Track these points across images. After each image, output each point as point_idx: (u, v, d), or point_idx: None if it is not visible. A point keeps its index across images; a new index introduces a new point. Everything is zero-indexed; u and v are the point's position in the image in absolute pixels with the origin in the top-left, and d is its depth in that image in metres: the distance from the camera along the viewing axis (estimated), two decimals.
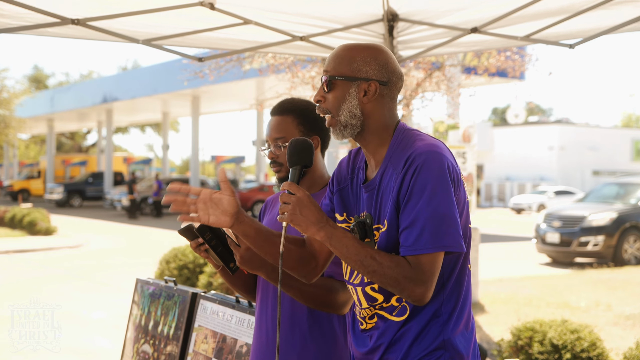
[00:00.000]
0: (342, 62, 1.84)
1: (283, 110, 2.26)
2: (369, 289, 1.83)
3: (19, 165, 49.55)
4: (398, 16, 3.72)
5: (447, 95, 10.25)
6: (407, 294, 1.69)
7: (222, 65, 10.08)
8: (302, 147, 1.89)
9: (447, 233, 1.68)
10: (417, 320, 1.76)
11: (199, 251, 2.13)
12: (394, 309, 1.79)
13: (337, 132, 1.86)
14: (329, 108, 1.85)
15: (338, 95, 1.84)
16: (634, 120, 61.74)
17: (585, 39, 3.60)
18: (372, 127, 1.85)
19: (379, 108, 1.85)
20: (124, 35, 3.61)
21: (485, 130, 39.45)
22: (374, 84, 1.83)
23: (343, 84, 1.84)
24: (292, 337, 2.14)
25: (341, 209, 1.93)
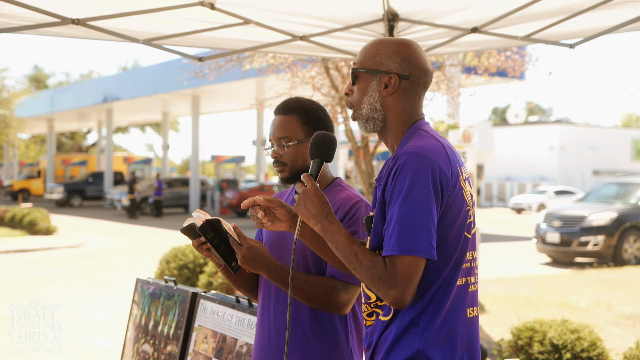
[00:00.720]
0: (367, 56, 1.88)
1: (287, 110, 2.25)
2: (363, 285, 1.86)
3: (19, 165, 49.55)
4: (398, 16, 3.72)
5: (447, 95, 10.24)
6: (382, 294, 1.69)
7: (222, 65, 10.07)
8: (326, 141, 1.90)
9: (416, 238, 1.65)
10: (396, 324, 1.76)
11: (201, 250, 2.13)
12: (384, 307, 1.80)
13: (360, 125, 1.89)
14: (353, 101, 1.89)
15: (361, 88, 1.87)
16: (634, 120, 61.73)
17: (585, 38, 3.60)
18: (392, 122, 1.86)
19: (400, 102, 1.85)
20: (124, 35, 3.61)
21: (485, 130, 39.44)
22: (394, 77, 1.83)
23: (366, 77, 1.87)
24: (294, 338, 2.14)
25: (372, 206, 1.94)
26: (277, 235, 2.24)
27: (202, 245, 2.12)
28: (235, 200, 25.80)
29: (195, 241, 2.12)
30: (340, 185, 2.25)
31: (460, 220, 1.75)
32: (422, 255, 1.65)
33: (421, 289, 1.73)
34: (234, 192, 26.45)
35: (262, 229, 2.35)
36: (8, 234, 17.40)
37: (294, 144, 2.21)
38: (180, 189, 29.10)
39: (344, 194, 2.19)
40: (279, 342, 2.15)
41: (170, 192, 28.63)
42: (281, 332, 2.16)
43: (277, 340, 2.16)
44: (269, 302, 2.22)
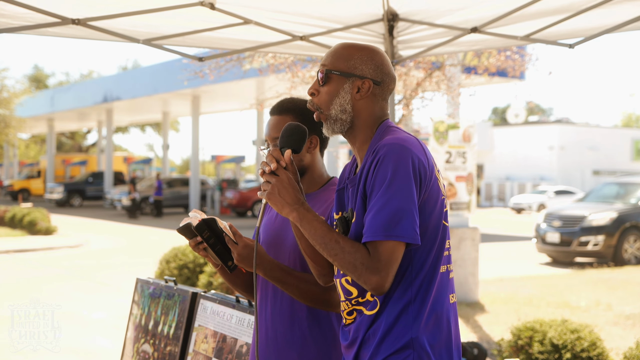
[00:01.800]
0: (340, 59, 1.90)
1: (282, 110, 2.26)
2: (344, 281, 1.86)
3: (19, 165, 49.55)
4: (398, 16, 3.72)
5: (447, 95, 10.25)
6: (363, 280, 1.71)
7: (222, 65, 10.07)
8: (294, 131, 1.92)
9: (400, 224, 1.69)
10: (385, 316, 1.78)
11: (198, 249, 2.15)
12: (368, 303, 1.81)
13: (328, 126, 1.91)
14: (319, 103, 1.91)
15: (331, 90, 1.89)
16: (634, 120, 61.73)
17: (585, 38, 3.60)
18: (361, 124, 1.90)
19: (370, 106, 1.91)
20: (124, 35, 3.61)
21: (486, 130, 39.45)
22: (367, 82, 1.89)
23: (338, 79, 1.89)
24: (292, 337, 2.14)
25: (337, 209, 1.97)
26: (274, 234, 2.25)
27: (198, 244, 2.13)
28: (235, 200, 25.80)
29: (192, 241, 2.13)
30: (335, 184, 2.25)
31: (438, 209, 1.81)
32: (407, 240, 1.70)
33: (408, 279, 1.77)
34: (234, 192, 26.45)
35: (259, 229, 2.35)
36: (8, 234, 17.40)
37: None
38: (180, 189, 29.10)
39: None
40: (276, 341, 2.16)
41: (170, 192, 28.63)
42: (278, 331, 2.16)
43: (274, 339, 2.16)
44: (265, 301, 2.23)
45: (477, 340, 6.44)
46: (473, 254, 8.76)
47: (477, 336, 6.83)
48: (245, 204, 25.78)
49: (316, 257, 1.96)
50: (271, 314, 2.19)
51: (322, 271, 1.99)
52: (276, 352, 2.15)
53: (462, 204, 8.99)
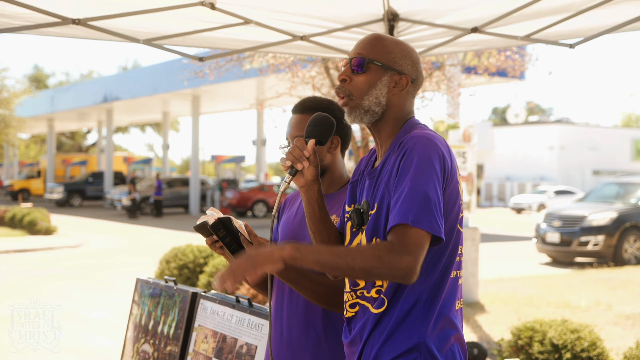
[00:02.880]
0: (379, 50, 1.86)
1: (305, 109, 2.24)
2: None
3: (19, 165, 49.54)
4: (398, 16, 3.72)
5: (447, 94, 10.25)
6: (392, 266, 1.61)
7: (222, 65, 10.07)
8: (321, 122, 1.89)
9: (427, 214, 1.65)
10: (392, 315, 1.75)
11: (214, 248, 2.15)
12: (374, 300, 1.79)
13: (355, 115, 1.86)
14: (353, 90, 1.85)
15: (370, 80, 1.85)
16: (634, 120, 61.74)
17: (585, 38, 3.60)
18: (390, 118, 1.88)
19: (402, 102, 1.89)
20: (124, 35, 3.61)
21: (486, 130, 39.46)
22: (405, 78, 1.87)
23: (377, 70, 1.85)
24: (306, 338, 2.13)
25: (349, 201, 1.95)
26: (293, 233, 2.23)
27: (214, 243, 2.14)
28: (235, 200, 25.81)
29: (208, 239, 2.14)
30: None
31: (455, 212, 1.79)
32: (434, 232, 1.65)
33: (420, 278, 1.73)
34: (234, 192, 26.45)
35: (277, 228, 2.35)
36: (8, 234, 17.40)
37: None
38: (180, 189, 29.10)
39: None
40: (290, 343, 2.15)
41: (171, 192, 28.63)
42: (293, 333, 2.15)
43: (289, 340, 2.15)
44: (282, 302, 2.21)
45: (477, 340, 6.44)
46: (473, 254, 8.76)
47: (477, 336, 6.83)
48: (245, 204, 25.78)
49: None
50: (287, 315, 2.18)
51: None
52: (290, 354, 2.14)
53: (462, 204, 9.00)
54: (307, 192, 1.88)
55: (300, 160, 1.83)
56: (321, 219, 1.91)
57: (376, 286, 1.79)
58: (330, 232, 1.94)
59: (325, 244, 1.92)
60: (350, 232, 1.90)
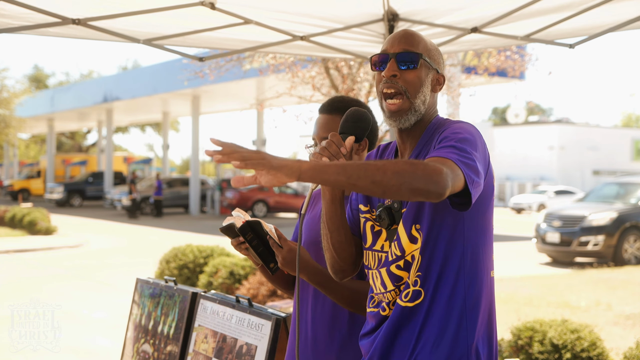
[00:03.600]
0: (423, 46, 1.77)
1: (332, 109, 2.20)
2: (394, 267, 1.76)
3: (19, 165, 49.54)
4: (398, 16, 3.72)
5: (447, 94, 10.25)
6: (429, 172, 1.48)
7: (222, 65, 10.08)
8: (361, 118, 1.81)
9: (468, 165, 1.56)
10: (434, 313, 1.69)
11: (240, 249, 2.12)
12: (412, 293, 1.72)
13: (404, 118, 1.75)
14: (408, 87, 1.74)
15: (420, 77, 1.75)
16: (634, 120, 61.75)
17: (585, 38, 3.60)
18: (425, 118, 1.80)
19: (436, 102, 1.85)
20: (124, 35, 3.61)
21: (486, 130, 39.45)
22: (443, 78, 1.81)
23: (425, 67, 1.77)
24: (331, 340, 2.12)
25: (365, 200, 1.89)
26: (317, 233, 2.19)
27: (240, 244, 2.11)
28: (235, 200, 25.80)
29: (234, 240, 2.11)
30: None
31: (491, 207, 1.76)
32: (469, 181, 1.56)
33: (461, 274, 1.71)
34: (234, 192, 26.44)
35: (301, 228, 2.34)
36: (8, 234, 17.40)
37: None
38: (180, 189, 29.11)
39: None
40: (315, 344, 2.14)
41: (171, 192, 28.64)
42: (318, 334, 2.14)
43: (314, 342, 2.14)
44: (306, 303, 2.20)
45: None
46: None
47: None
48: (245, 204, 25.77)
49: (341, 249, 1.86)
50: (312, 316, 2.17)
51: (343, 266, 1.90)
52: (314, 355, 2.14)
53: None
54: (333, 191, 1.78)
55: (337, 157, 1.70)
56: (342, 218, 1.84)
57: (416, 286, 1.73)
58: (347, 231, 1.87)
59: (342, 244, 1.85)
60: (372, 232, 1.84)
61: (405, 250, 1.73)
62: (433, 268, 1.70)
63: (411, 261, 1.73)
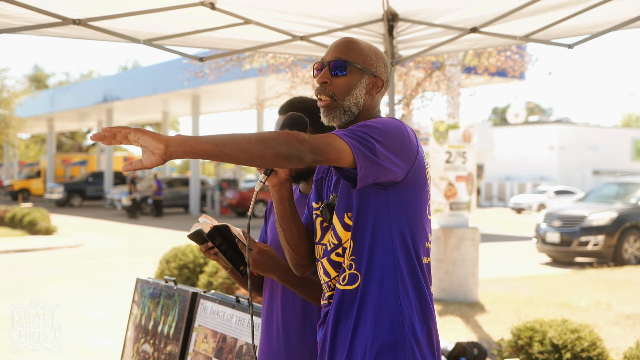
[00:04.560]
0: (357, 53, 1.92)
1: (292, 109, 2.22)
2: (334, 255, 1.87)
3: (19, 165, 49.54)
4: (398, 16, 3.73)
5: (447, 94, 10.26)
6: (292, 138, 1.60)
7: (222, 65, 10.08)
8: (297, 121, 1.91)
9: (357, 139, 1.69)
10: (370, 294, 1.79)
11: (209, 254, 2.15)
12: (345, 277, 1.84)
13: (334, 115, 1.90)
14: (335, 91, 1.90)
15: (350, 82, 1.90)
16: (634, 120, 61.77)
17: (584, 38, 3.61)
18: (363, 117, 1.93)
19: (375, 103, 1.97)
20: (125, 35, 3.62)
21: (486, 130, 39.46)
22: (380, 81, 1.94)
23: (356, 73, 1.91)
24: (304, 336, 2.14)
25: (316, 198, 2.00)
26: None
27: (209, 250, 2.13)
28: (235, 200, 25.80)
29: (202, 246, 2.13)
30: None
31: (423, 198, 1.84)
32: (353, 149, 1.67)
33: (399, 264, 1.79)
34: (234, 192, 26.44)
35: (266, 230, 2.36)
36: (8, 234, 17.39)
37: None
38: (180, 189, 29.12)
39: None
40: (288, 342, 2.15)
41: (170, 192, 28.64)
42: (290, 332, 2.15)
43: (286, 339, 2.16)
44: (275, 302, 2.22)
45: (477, 340, 6.44)
46: (473, 254, 8.75)
47: (477, 336, 6.83)
48: (245, 204, 25.77)
49: (296, 245, 1.97)
50: (282, 313, 2.18)
51: (300, 261, 2.00)
52: (287, 351, 2.15)
53: (462, 204, 9.00)
54: (280, 191, 1.90)
55: None
56: (292, 217, 1.95)
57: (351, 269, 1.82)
58: (300, 228, 1.97)
59: (295, 240, 1.96)
60: (321, 227, 1.94)
61: (342, 238, 1.84)
62: (364, 251, 1.81)
63: (348, 247, 1.84)
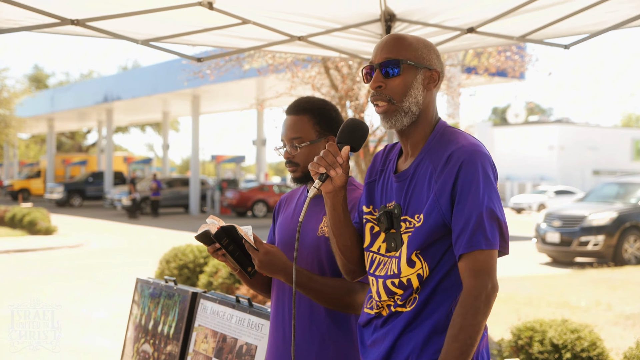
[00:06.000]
0: (406, 49, 1.81)
1: (299, 110, 2.21)
2: (390, 284, 1.80)
3: (19, 165, 49.54)
4: (395, 16, 3.72)
5: (448, 94, 10.25)
6: (491, 301, 1.66)
7: (222, 65, 10.08)
8: (357, 127, 1.83)
9: (496, 234, 1.69)
10: (429, 313, 1.75)
11: (217, 255, 2.13)
12: (409, 301, 1.78)
13: (396, 119, 1.80)
14: (392, 94, 1.79)
15: (406, 81, 1.79)
16: (634, 120, 61.77)
17: (580, 39, 3.61)
18: (424, 119, 1.83)
19: (434, 100, 1.86)
20: (123, 35, 3.62)
21: (486, 130, 39.49)
22: (436, 73, 1.83)
23: (411, 70, 1.80)
24: (310, 337, 2.13)
25: (367, 201, 1.92)
26: (291, 235, 2.21)
27: (217, 251, 2.12)
28: (236, 200, 25.81)
29: (210, 247, 2.12)
30: (353, 184, 2.23)
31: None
32: (503, 251, 1.72)
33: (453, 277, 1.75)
34: (234, 192, 26.45)
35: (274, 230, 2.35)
36: (8, 234, 17.40)
37: (306, 144, 2.18)
38: (180, 189, 29.12)
39: (356, 193, 2.17)
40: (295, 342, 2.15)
41: (171, 192, 28.64)
42: (298, 333, 2.13)
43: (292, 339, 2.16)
44: (283, 302, 2.21)
45: None
46: None
47: None
48: (245, 204, 25.78)
49: (348, 252, 1.91)
50: (289, 315, 2.17)
51: (352, 267, 1.94)
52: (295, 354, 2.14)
53: None
54: (334, 198, 1.82)
55: (334, 167, 1.75)
56: (345, 223, 1.88)
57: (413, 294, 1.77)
58: (353, 234, 1.91)
59: (348, 247, 1.90)
60: (371, 233, 1.87)
61: (402, 272, 1.77)
62: (430, 284, 1.77)
63: (406, 283, 1.77)
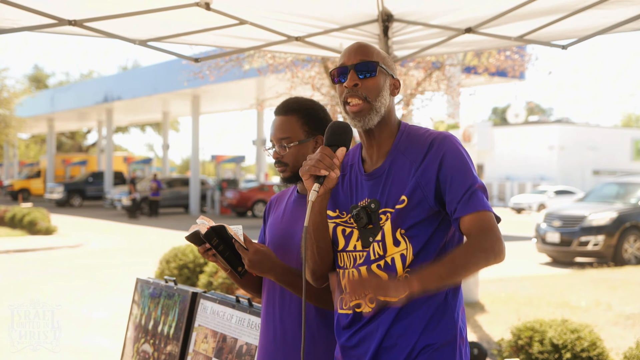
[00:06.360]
0: (377, 55, 1.94)
1: (287, 110, 2.23)
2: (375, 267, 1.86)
3: (19, 165, 49.54)
4: (393, 17, 3.73)
5: (447, 94, 10.25)
6: (501, 252, 1.81)
7: (222, 65, 10.09)
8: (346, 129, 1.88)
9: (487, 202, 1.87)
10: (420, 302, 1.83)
11: (207, 256, 2.14)
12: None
13: (367, 118, 1.89)
14: (367, 93, 1.89)
15: (379, 83, 1.91)
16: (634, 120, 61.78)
17: (578, 39, 3.61)
18: (388, 120, 1.95)
19: (394, 105, 2.00)
20: (120, 36, 3.62)
21: (486, 130, 39.48)
22: (398, 82, 1.98)
23: (383, 74, 1.92)
24: (301, 336, 2.13)
25: (332, 207, 1.98)
26: (281, 235, 2.23)
27: (207, 251, 2.13)
28: (236, 200, 25.81)
29: (200, 248, 2.13)
30: None
31: None
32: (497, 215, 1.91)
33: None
34: (234, 192, 26.45)
35: (265, 230, 2.36)
36: (8, 234, 17.40)
37: (295, 144, 2.20)
38: (180, 189, 29.12)
39: None
40: (285, 342, 2.15)
41: (171, 192, 28.64)
42: (287, 332, 2.15)
43: (283, 340, 2.16)
44: (273, 302, 2.22)
45: (477, 340, 6.45)
46: None
47: (477, 336, 6.83)
48: (245, 204, 25.78)
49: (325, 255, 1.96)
50: (280, 314, 2.18)
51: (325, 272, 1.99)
52: (284, 352, 2.15)
53: None
54: (322, 202, 1.88)
55: (332, 168, 1.81)
56: (326, 227, 1.95)
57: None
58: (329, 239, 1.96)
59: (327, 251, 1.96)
60: (344, 235, 1.93)
61: (388, 251, 1.84)
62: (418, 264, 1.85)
63: (390, 263, 1.84)
